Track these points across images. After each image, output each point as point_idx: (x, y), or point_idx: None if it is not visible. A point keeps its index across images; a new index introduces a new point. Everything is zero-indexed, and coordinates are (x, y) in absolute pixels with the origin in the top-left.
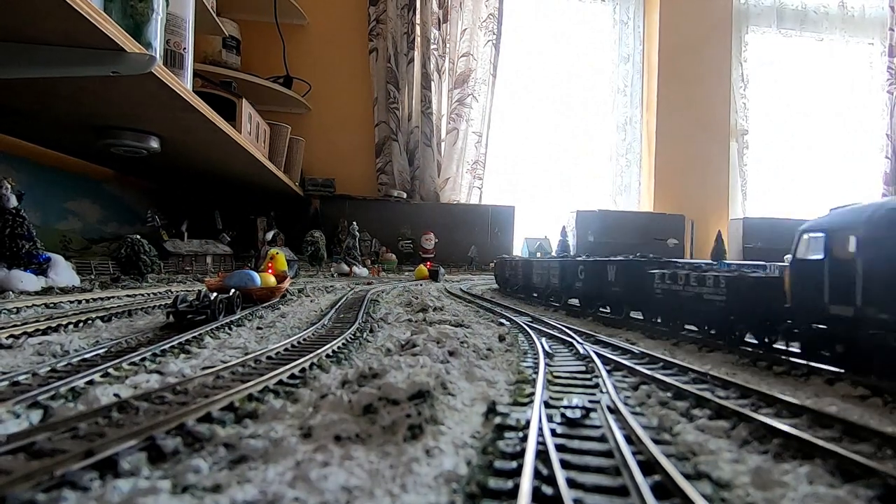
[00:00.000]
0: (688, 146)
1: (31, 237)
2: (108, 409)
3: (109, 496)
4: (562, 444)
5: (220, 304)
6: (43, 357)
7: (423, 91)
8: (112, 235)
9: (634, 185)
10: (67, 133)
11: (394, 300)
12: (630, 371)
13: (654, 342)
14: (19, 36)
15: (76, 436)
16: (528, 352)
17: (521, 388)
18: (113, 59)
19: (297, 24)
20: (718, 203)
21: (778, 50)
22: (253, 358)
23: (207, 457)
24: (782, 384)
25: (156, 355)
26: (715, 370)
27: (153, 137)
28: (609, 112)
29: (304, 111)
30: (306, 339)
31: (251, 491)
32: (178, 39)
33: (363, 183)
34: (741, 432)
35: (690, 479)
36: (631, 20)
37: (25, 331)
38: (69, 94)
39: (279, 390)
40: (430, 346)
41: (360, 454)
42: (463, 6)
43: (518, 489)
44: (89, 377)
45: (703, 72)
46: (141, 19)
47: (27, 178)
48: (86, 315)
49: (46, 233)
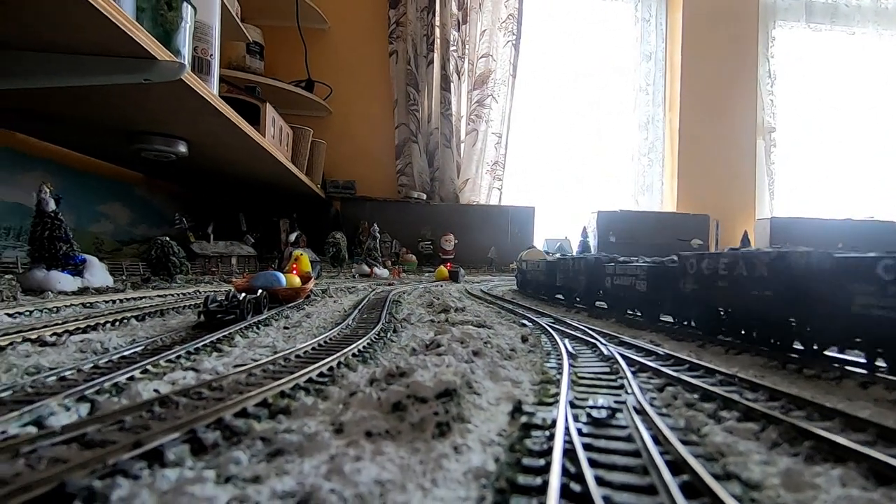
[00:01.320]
0: (712, 145)
1: (67, 239)
2: (150, 404)
3: (159, 484)
4: (588, 444)
5: (249, 304)
6: (85, 354)
7: (442, 93)
8: (142, 237)
9: (657, 185)
10: (101, 139)
11: (415, 301)
12: (655, 372)
13: (679, 343)
14: (58, 47)
15: (123, 428)
16: (552, 353)
17: (546, 389)
18: (145, 67)
19: (319, 28)
20: (745, 202)
21: (807, 45)
22: (282, 356)
23: (246, 450)
24: (813, 387)
25: (190, 353)
26: (742, 372)
27: (181, 142)
28: (631, 111)
29: (326, 114)
30: (332, 338)
31: (289, 482)
32: (206, 46)
33: (383, 184)
34: (771, 434)
35: (719, 480)
36: (653, 17)
37: (67, 329)
38: (103, 101)
39: (309, 388)
40: (455, 346)
41: (390, 449)
42: (482, 7)
43: (547, 486)
44: (130, 373)
45: (728, 69)
46: (170, 28)
47: (63, 183)
48: (121, 314)
49: (81, 235)
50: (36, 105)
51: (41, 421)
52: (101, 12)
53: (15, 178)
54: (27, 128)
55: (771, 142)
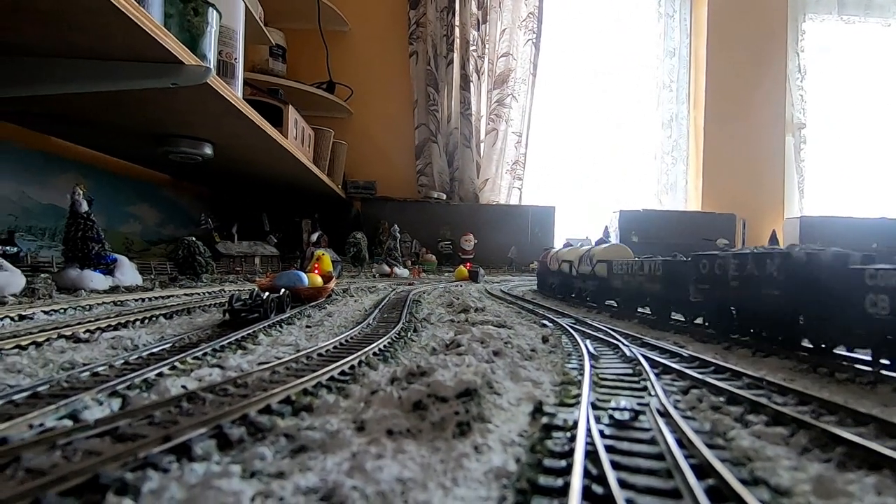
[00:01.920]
0: (739, 142)
1: (99, 239)
2: (178, 399)
3: (187, 477)
4: (611, 446)
5: (272, 303)
6: (116, 350)
7: (462, 92)
8: (169, 238)
9: (681, 184)
10: (130, 141)
11: (435, 301)
12: (679, 374)
13: (704, 346)
14: (91, 53)
15: (152, 423)
16: (573, 353)
17: (567, 390)
18: (172, 72)
19: (340, 30)
20: (773, 201)
21: (839, 38)
22: (304, 355)
23: (270, 446)
24: (845, 392)
25: (216, 350)
26: (770, 375)
27: (207, 144)
28: (653, 109)
29: (347, 115)
30: (353, 337)
31: (312, 479)
32: (230, 50)
33: (403, 185)
34: (801, 439)
35: (747, 485)
36: (677, 13)
37: (99, 326)
38: (132, 105)
39: (331, 386)
40: (475, 345)
41: (411, 448)
42: (502, 6)
43: (568, 487)
44: (159, 370)
45: (755, 64)
46: (197, 33)
47: (95, 185)
48: (150, 312)
49: (111, 235)
50: (69, 110)
51: (76, 414)
52: (132, 19)
53: (50, 180)
54: (61, 132)
55: (801, 138)
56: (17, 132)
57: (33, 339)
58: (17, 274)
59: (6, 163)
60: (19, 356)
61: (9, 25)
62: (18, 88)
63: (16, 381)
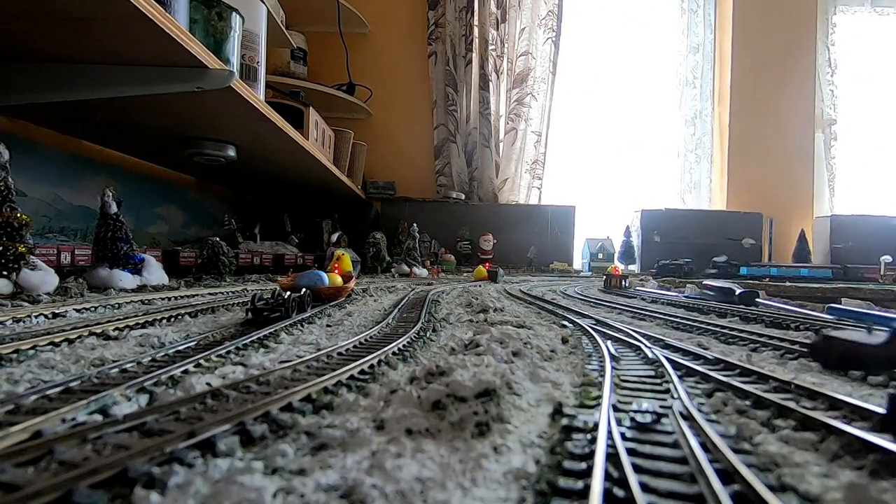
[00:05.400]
0: (766, 139)
1: (128, 240)
2: (203, 396)
3: (212, 473)
4: (632, 448)
5: (293, 302)
6: (144, 348)
7: (480, 92)
8: (194, 238)
9: (705, 182)
10: (157, 144)
11: (454, 301)
12: (703, 377)
13: (729, 347)
14: (119, 59)
15: (178, 419)
16: (593, 355)
17: (587, 391)
18: (197, 76)
19: (360, 32)
20: (802, 200)
21: (872, 30)
22: (325, 354)
23: (292, 443)
24: (880, 398)
25: (239, 349)
26: (799, 379)
27: (230, 146)
28: (676, 106)
29: (366, 116)
30: (373, 336)
31: (333, 476)
32: (253, 54)
33: (422, 185)
34: (831, 446)
35: (774, 491)
36: (700, 8)
37: (128, 324)
38: (159, 109)
39: (351, 384)
40: (494, 346)
41: (430, 448)
42: (522, 5)
43: (589, 490)
44: (184, 367)
45: (783, 59)
46: (221, 37)
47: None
48: (176, 311)
49: (139, 236)
50: (99, 114)
51: (105, 409)
52: (159, 26)
53: (81, 182)
54: (91, 135)
55: (831, 135)
56: (52, 136)
57: (66, 335)
58: (51, 273)
59: (42, 166)
60: (53, 353)
61: (42, 33)
62: (51, 94)
63: (49, 377)
